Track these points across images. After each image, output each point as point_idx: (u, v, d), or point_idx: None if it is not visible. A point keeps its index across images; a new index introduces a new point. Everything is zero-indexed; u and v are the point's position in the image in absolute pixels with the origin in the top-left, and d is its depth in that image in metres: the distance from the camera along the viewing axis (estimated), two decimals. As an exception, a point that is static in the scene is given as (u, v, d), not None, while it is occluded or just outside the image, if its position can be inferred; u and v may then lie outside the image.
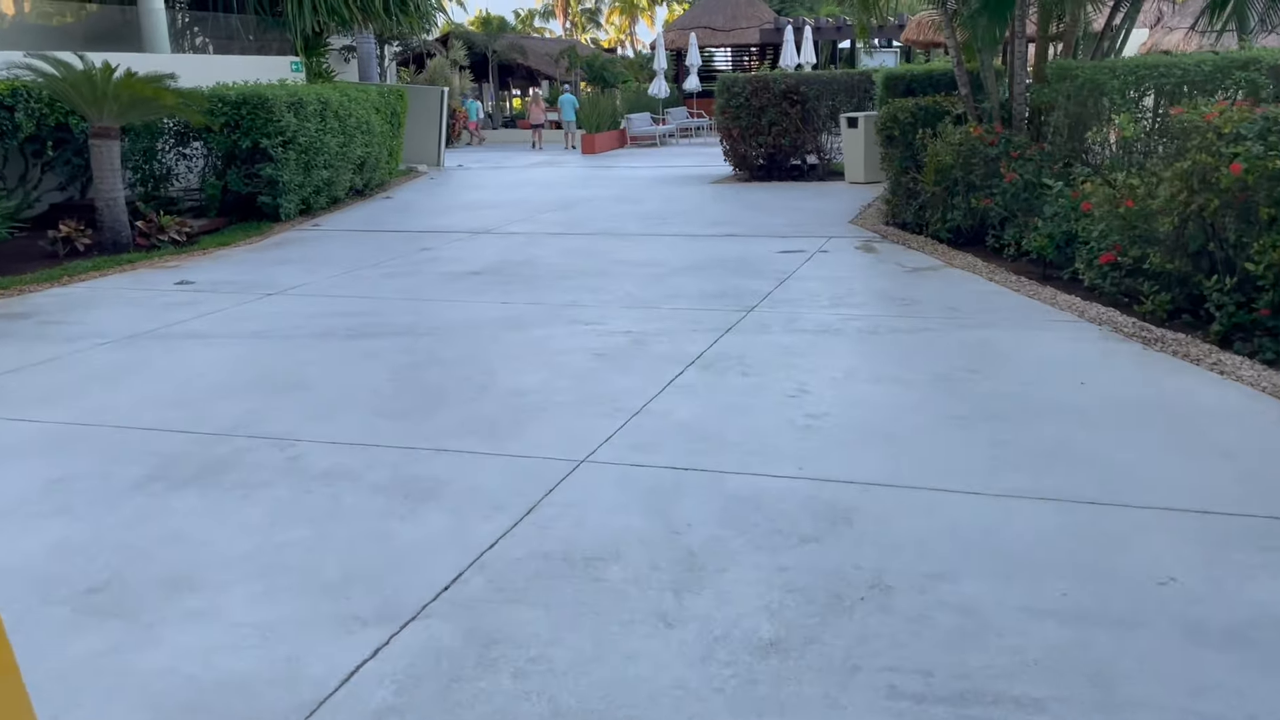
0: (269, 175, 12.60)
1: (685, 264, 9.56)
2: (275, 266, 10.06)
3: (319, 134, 13.39)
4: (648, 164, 21.09)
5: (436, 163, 21.54)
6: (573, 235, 11.55)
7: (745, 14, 29.86)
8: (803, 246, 10.32)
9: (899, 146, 11.12)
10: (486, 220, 12.97)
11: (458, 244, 11.18)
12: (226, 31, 17.93)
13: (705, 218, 12.63)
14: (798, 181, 16.51)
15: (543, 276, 9.14)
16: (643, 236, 11.30)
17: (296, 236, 12.04)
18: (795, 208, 13.21)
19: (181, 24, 18.03)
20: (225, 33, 17.95)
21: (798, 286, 8.39)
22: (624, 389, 5.71)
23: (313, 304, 8.25)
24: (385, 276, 9.39)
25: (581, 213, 13.49)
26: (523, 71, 37.88)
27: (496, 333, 7.11)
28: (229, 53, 17.67)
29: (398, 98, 17.58)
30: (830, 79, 16.40)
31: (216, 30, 18.02)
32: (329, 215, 13.75)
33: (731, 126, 16.74)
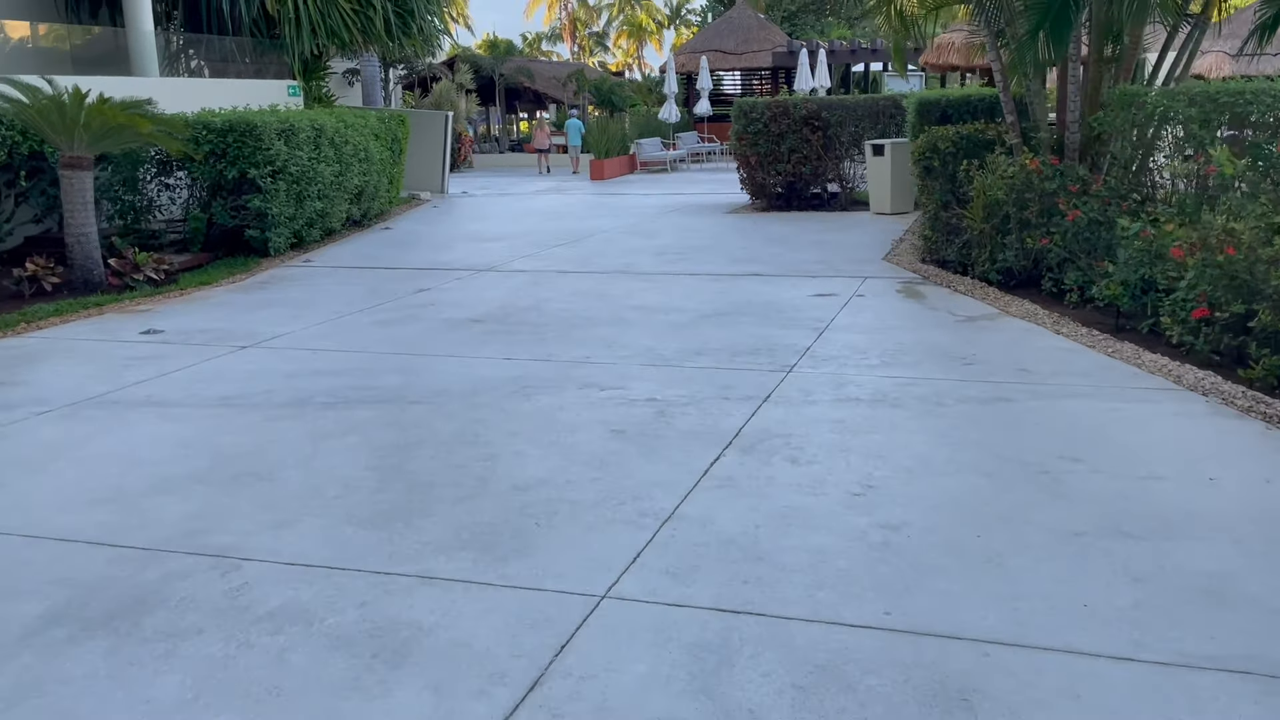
0: (257, 207, 11.62)
1: (709, 310, 8.53)
2: (257, 311, 9.05)
3: (312, 163, 12.42)
4: (659, 191, 20.12)
5: (440, 189, 20.60)
6: (583, 274, 10.53)
7: (757, 37, 28.98)
8: (836, 289, 9.30)
9: (939, 178, 10.12)
10: (490, 255, 11.97)
11: (458, 283, 10.17)
12: (222, 54, 17.03)
13: (725, 253, 11.62)
14: (819, 211, 15.51)
15: (551, 325, 8.12)
16: (659, 276, 10.29)
17: (285, 274, 11.04)
18: (822, 242, 12.20)
19: (176, 47, 17.15)
20: (221, 56, 17.06)
21: (839, 339, 7.35)
22: (650, 481, 4.67)
23: (292, 360, 7.23)
24: (377, 324, 8.38)
25: (592, 247, 12.49)
26: (530, 95, 37.05)
27: (499, 400, 6.07)
28: (226, 76, 16.77)
29: (399, 123, 16.64)
30: (854, 104, 15.43)
31: (212, 53, 17.13)
32: (322, 249, 12.77)
33: (749, 153, 15.77)
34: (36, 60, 14.67)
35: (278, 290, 10.10)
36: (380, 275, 10.86)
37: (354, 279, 10.67)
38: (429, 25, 18.16)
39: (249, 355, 7.38)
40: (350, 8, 17.07)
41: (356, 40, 17.46)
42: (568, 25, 58.71)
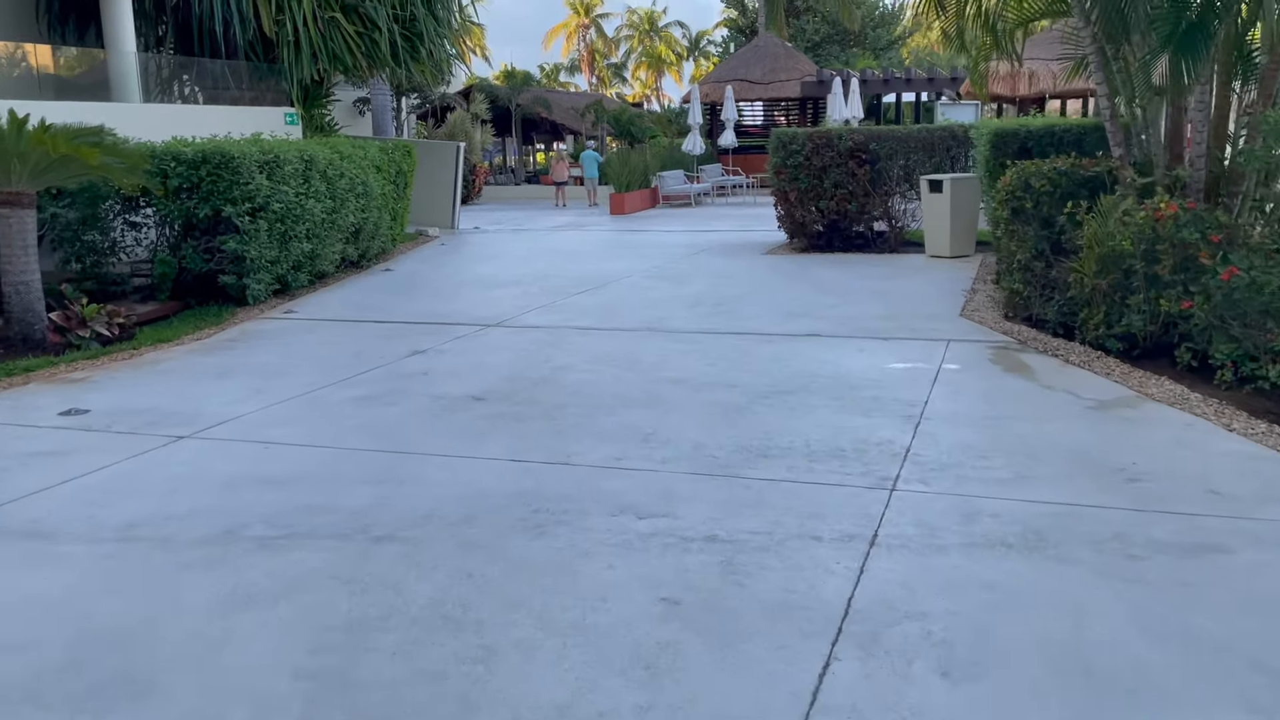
0: (232, 250, 9.99)
1: (765, 385, 6.80)
2: (214, 381, 7.37)
3: (299, 198, 10.79)
4: (684, 228, 18.46)
5: (450, 225, 19.01)
6: (606, 331, 8.83)
7: (785, 66, 27.40)
8: (916, 355, 7.56)
9: (1032, 222, 8.40)
10: (500, 305, 10.29)
11: (460, 343, 8.48)
12: (217, 79, 15.51)
13: (771, 305, 9.91)
14: (865, 253, 13.79)
15: (571, 406, 6.40)
16: (697, 335, 8.57)
17: (260, 329, 9.38)
18: (881, 291, 10.46)
19: (169, 71, 15.65)
20: (215, 81, 15.54)
21: (944, 434, 5.61)
22: (730, 718, 2.93)
23: (235, 459, 5.53)
24: (355, 403, 6.67)
25: (615, 295, 10.80)
26: (547, 126, 35.59)
27: (500, 536, 4.34)
28: (220, 102, 15.24)
29: (404, 154, 15.05)
30: (905, 135, 13.74)
31: (205, 78, 15.61)
32: (310, 296, 11.11)
33: (788, 189, 14.09)
34: (17, 85, 13.15)
35: (247, 351, 8.42)
36: (371, 331, 9.18)
37: (339, 336, 8.99)
38: (439, 50, 16.62)
39: (184, 451, 5.68)
40: (354, 30, 15.54)
41: (360, 65, 15.91)
42: (586, 56, 57.53)
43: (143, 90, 13.76)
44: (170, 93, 15.51)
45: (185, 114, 13.78)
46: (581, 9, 57.38)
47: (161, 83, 15.50)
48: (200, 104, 15.24)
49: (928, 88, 26.17)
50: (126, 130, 11.22)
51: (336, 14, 15.41)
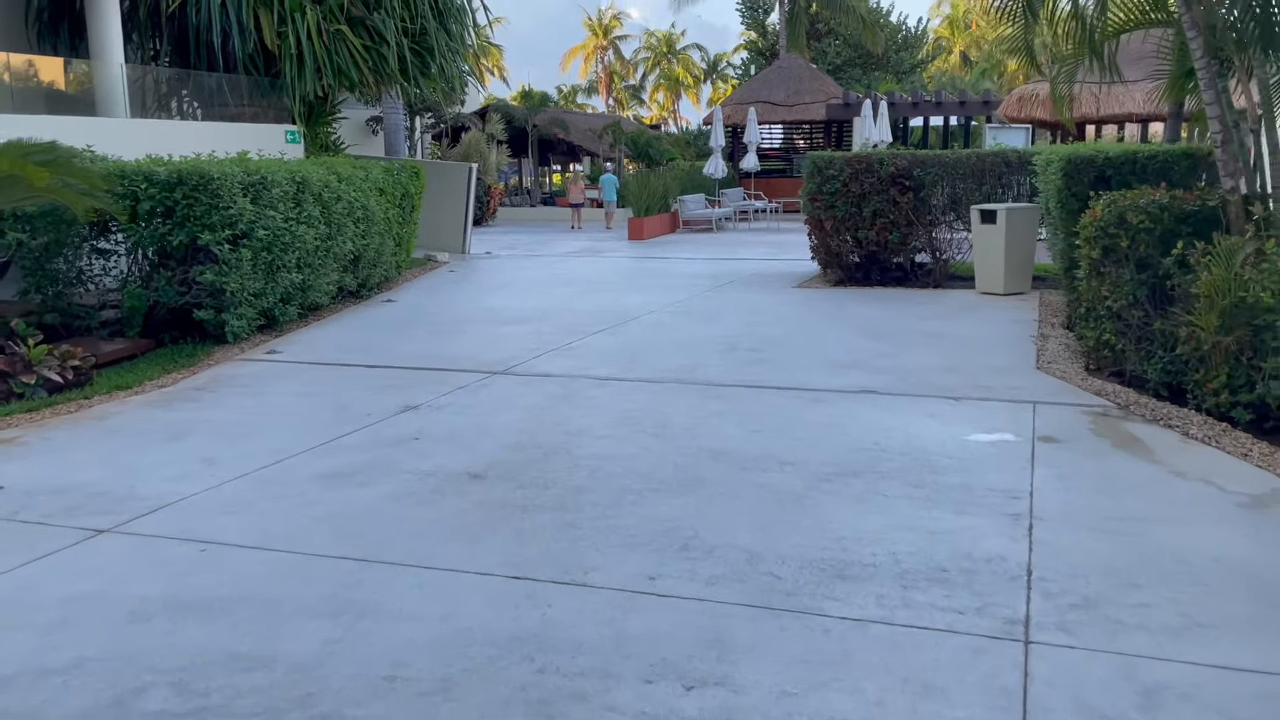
0: (209, 282, 8.78)
1: (826, 463, 5.50)
2: (163, 445, 6.11)
3: (289, 224, 9.58)
4: (707, 255, 17.20)
5: (461, 249, 17.81)
6: (630, 383, 7.55)
7: (809, 88, 26.21)
8: (999, 422, 6.25)
9: (1127, 264, 7.09)
10: (508, 345, 9.02)
11: (461, 397, 7.21)
12: (216, 95, 14.38)
13: (814, 350, 8.61)
14: (906, 288, 12.49)
15: (588, 493, 5.11)
16: (735, 390, 7.28)
17: (234, 374, 8.13)
18: (935, 335, 9.16)
19: (164, 85, 14.52)
20: (214, 96, 14.40)
21: (1070, 547, 4.29)
22: None
23: (160, 567, 4.26)
24: (325, 480, 5.40)
25: (637, 335, 9.52)
26: (564, 147, 34.49)
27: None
28: (219, 118, 14.11)
29: (411, 176, 13.86)
30: (953, 161, 12.45)
31: (203, 93, 14.48)
32: (299, 332, 9.88)
33: (824, 217, 12.81)
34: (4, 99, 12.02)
35: (213, 403, 7.17)
36: (360, 379, 7.92)
37: (324, 385, 7.73)
38: (452, 66, 15.45)
39: (98, 553, 4.41)
40: (361, 44, 14.39)
41: (367, 80, 14.75)
42: (603, 78, 56.56)
43: (130, 104, 12.62)
44: (166, 108, 14.38)
45: (177, 130, 12.63)
46: (600, 30, 56.45)
47: (160, 98, 14.38)
48: (195, 120, 14.10)
49: (958, 111, 24.91)
50: (110, 147, 10.09)
51: (342, 26, 14.28)
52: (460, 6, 15.71)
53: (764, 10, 40.25)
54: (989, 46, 46.00)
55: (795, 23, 36.44)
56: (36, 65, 12.50)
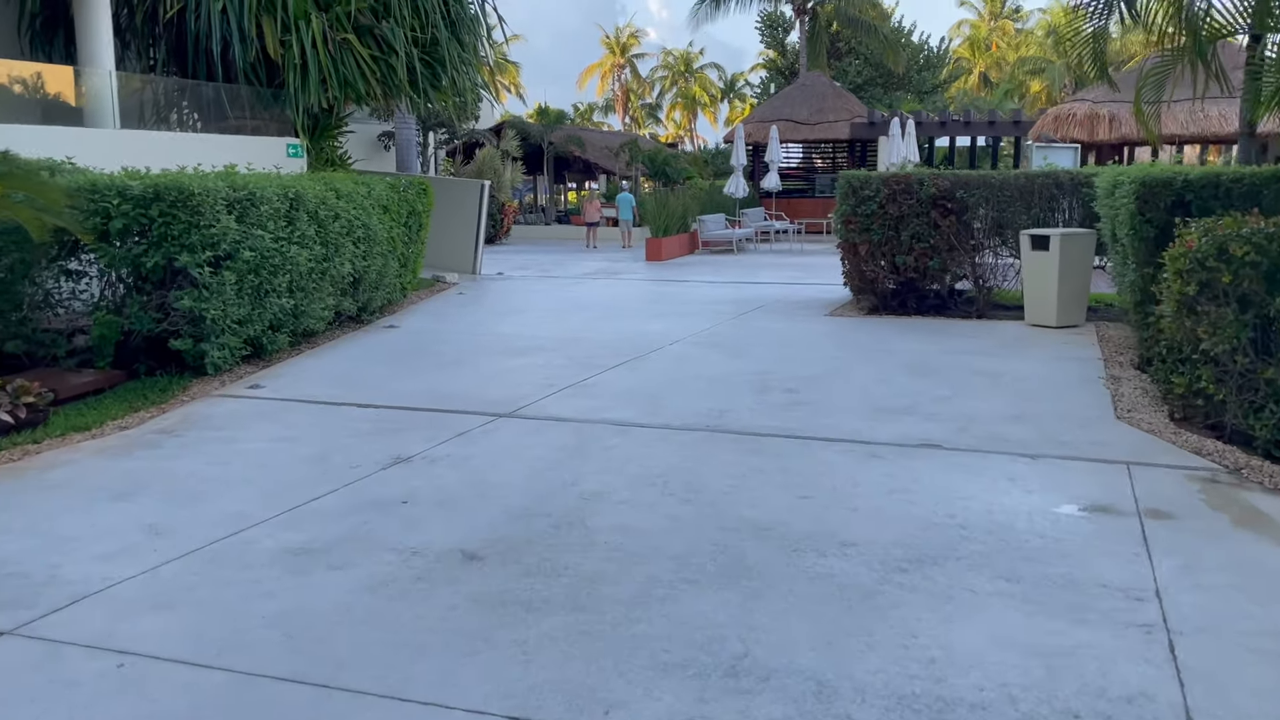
0: (187, 309, 7.86)
1: (895, 544, 4.50)
2: (105, 507, 5.16)
3: (279, 245, 8.68)
4: (729, 278, 16.24)
5: (472, 270, 16.92)
6: (653, 431, 6.57)
7: (833, 106, 25.28)
8: (1091, 489, 5.25)
9: (1228, 303, 6.09)
10: (517, 381, 8.07)
11: (460, 446, 6.24)
12: (212, 106, 13.54)
13: (859, 391, 7.62)
14: (946, 317, 11.49)
15: (607, 581, 4.12)
16: (775, 441, 6.29)
17: (209, 413, 7.19)
18: (992, 375, 8.15)
19: (160, 95, 13.69)
20: (211, 107, 13.57)
21: (1224, 673, 3.29)
22: None
23: (65, 685, 3.30)
24: (288, 559, 4.43)
25: (659, 370, 8.56)
26: (579, 165, 33.68)
27: None
28: (220, 130, 13.27)
29: (418, 193, 12.97)
30: (1000, 182, 11.46)
31: (202, 104, 13.64)
32: (288, 363, 8.95)
33: (858, 240, 11.83)
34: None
35: (177, 451, 6.22)
36: (349, 421, 6.97)
37: (306, 429, 6.78)
38: (464, 79, 14.58)
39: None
40: (368, 54, 13.56)
41: (375, 92, 13.91)
42: (620, 96, 55.87)
43: (122, 115, 11.78)
44: (163, 119, 13.54)
45: (169, 142, 11.78)
46: (617, 49, 55.81)
47: (157, 109, 13.55)
48: (191, 131, 13.25)
49: (988, 131, 23.93)
50: (96, 160, 9.25)
51: (349, 35, 13.45)
52: (474, 16, 14.87)
53: (784, 29, 39.46)
54: (1011, 67, 45.12)
55: (816, 41, 35.62)
56: (19, 73, 11.69)
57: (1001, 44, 49.25)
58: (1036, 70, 42.63)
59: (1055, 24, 44.47)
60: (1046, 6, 49.30)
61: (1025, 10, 52.24)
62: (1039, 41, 46.23)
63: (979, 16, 52.49)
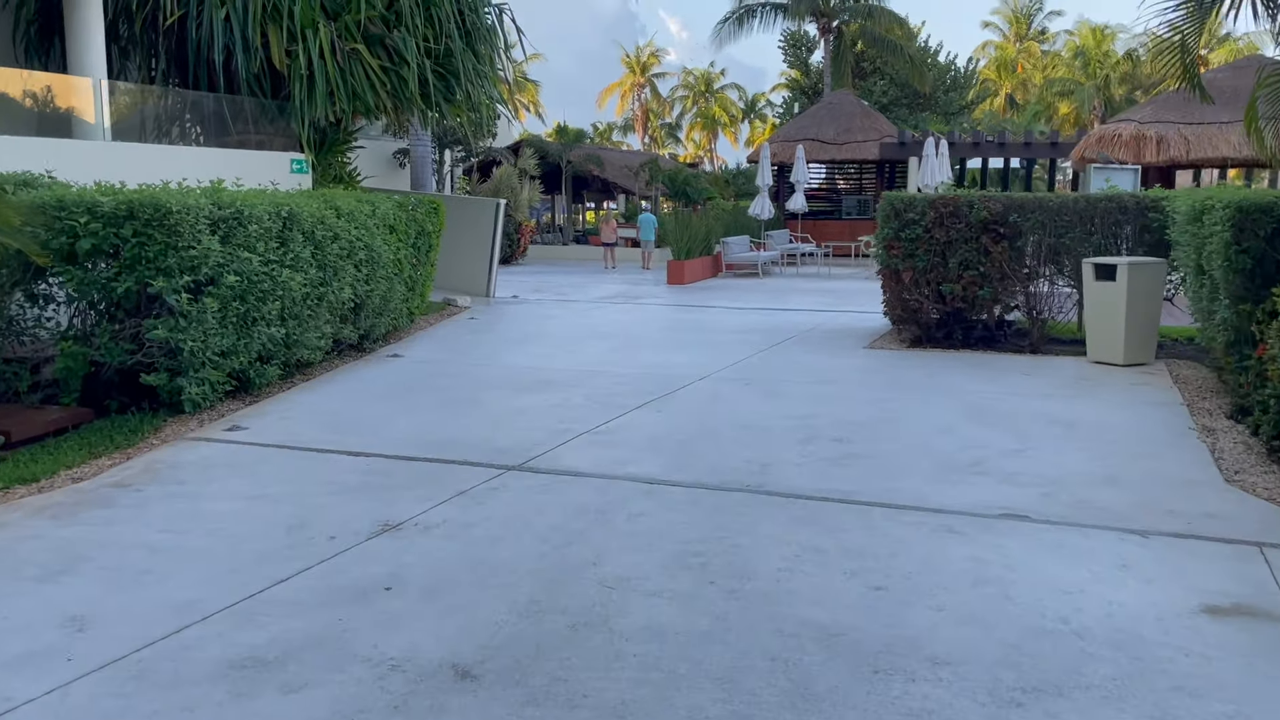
0: (161, 339, 6.99)
1: (1004, 665, 3.52)
2: (32, 589, 4.24)
3: (269, 268, 7.82)
4: (756, 304, 15.30)
5: (485, 293, 16.06)
6: (684, 490, 5.62)
7: (861, 125, 24.37)
8: (1223, 580, 4.26)
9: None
10: (528, 425, 7.15)
11: (457, 512, 5.31)
12: (212, 118, 12.76)
13: (918, 441, 6.64)
14: (997, 350, 10.52)
15: (640, 717, 3.18)
16: (830, 508, 5.32)
17: (177, 460, 6.29)
18: (1063, 421, 7.16)
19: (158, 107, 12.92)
20: (211, 120, 12.79)
21: None
22: None
23: None
24: (234, 673, 3.50)
25: (689, 412, 7.61)
26: (598, 184, 32.90)
27: None
28: (215, 144, 12.48)
29: (428, 212, 12.12)
30: (1058, 206, 10.49)
31: (201, 116, 12.87)
32: (278, 398, 8.06)
33: (901, 267, 10.89)
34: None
35: (130, 511, 5.31)
36: (334, 474, 6.05)
37: (284, 481, 5.87)
38: (479, 92, 13.76)
39: None
40: (378, 65, 12.75)
41: (385, 105, 13.09)
42: (640, 116, 55.21)
43: (112, 127, 11.00)
44: (163, 132, 12.77)
45: (164, 156, 10.98)
46: (638, 68, 55.19)
47: (157, 121, 12.78)
48: (191, 145, 12.46)
49: (1023, 153, 22.95)
50: (80, 174, 8.46)
51: (359, 45, 12.64)
52: (491, 27, 14.06)
53: (807, 49, 38.67)
54: (1039, 89, 44.17)
55: (840, 61, 34.80)
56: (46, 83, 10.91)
57: (1027, 66, 48.33)
58: (1065, 92, 41.69)
59: (1084, 45, 43.53)
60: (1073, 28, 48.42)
61: (1051, 33, 51.33)
62: (1066, 63, 45.28)
63: (1004, 38, 51.64)
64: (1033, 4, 51.92)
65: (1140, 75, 42.65)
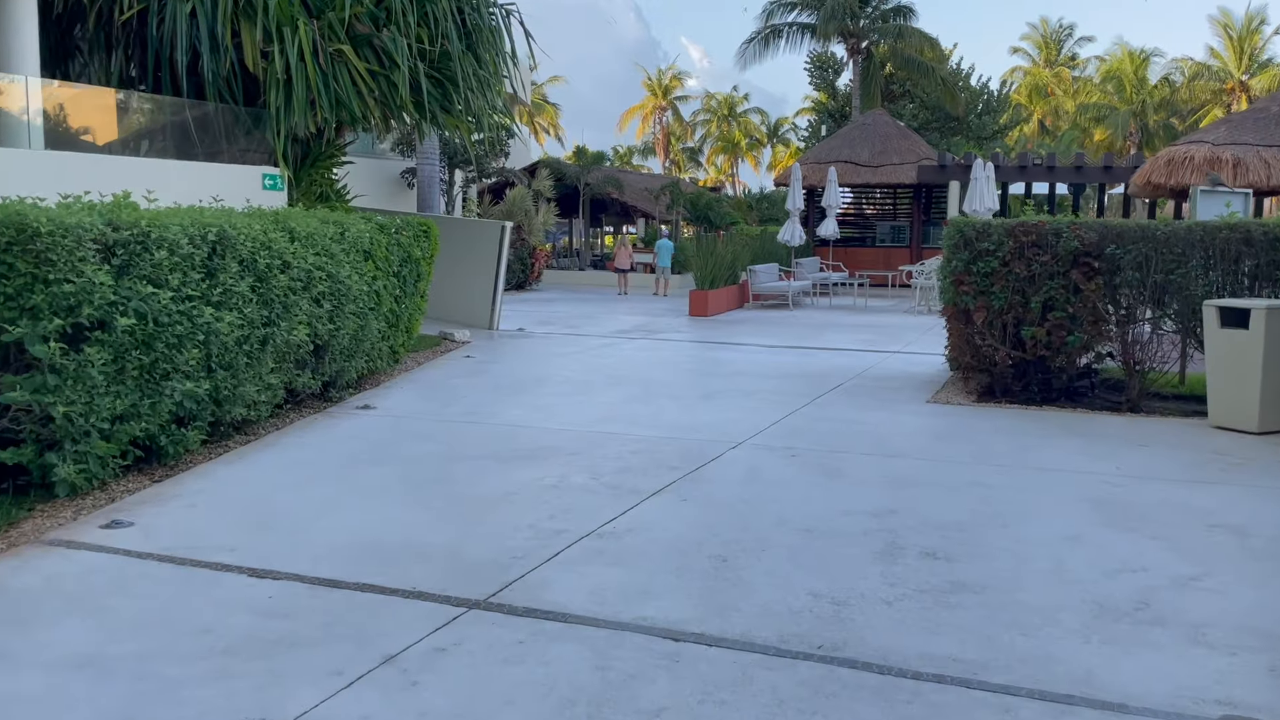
0: (22, 402, 5.16)
1: None
2: None
3: (187, 306, 6.00)
4: (790, 342, 13.39)
5: (488, 325, 14.24)
6: (726, 656, 3.70)
7: (897, 147, 22.50)
8: None
9: None
10: (513, 520, 5.26)
11: (377, 701, 3.42)
12: (174, 127, 11.04)
13: (1042, 558, 4.70)
14: (1086, 409, 8.59)
15: None
16: (951, 698, 3.40)
17: (9, 579, 4.43)
18: (1232, 527, 5.19)
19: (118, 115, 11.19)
20: (173, 129, 11.06)
21: None
22: None
23: None
24: None
25: (723, 504, 5.70)
26: (617, 208, 31.19)
27: None
28: (177, 156, 10.74)
29: (417, 236, 10.30)
30: (1166, 235, 8.54)
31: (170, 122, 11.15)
32: (197, 471, 6.19)
33: (973, 306, 8.97)
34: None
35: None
36: (217, 611, 4.15)
37: (137, 631, 3.96)
38: (480, 101, 11.98)
39: None
40: (365, 68, 11.00)
41: (372, 114, 11.34)
42: (661, 139, 53.59)
43: (47, 133, 9.27)
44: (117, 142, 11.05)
45: (110, 168, 9.21)
46: (659, 91, 53.62)
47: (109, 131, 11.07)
48: (147, 156, 10.71)
49: (1075, 177, 21.00)
50: (5, 187, 6.70)
51: (344, 46, 10.90)
52: (495, 29, 12.29)
53: (834, 71, 36.91)
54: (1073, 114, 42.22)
55: (870, 82, 33.00)
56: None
57: (1058, 91, 46.39)
58: (1099, 117, 39.70)
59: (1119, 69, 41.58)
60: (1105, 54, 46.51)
61: (1081, 58, 49.39)
62: (1099, 88, 43.32)
63: (1033, 64, 49.74)
64: (1063, 30, 50.08)
65: (1177, 101, 40.63)
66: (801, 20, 33.26)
